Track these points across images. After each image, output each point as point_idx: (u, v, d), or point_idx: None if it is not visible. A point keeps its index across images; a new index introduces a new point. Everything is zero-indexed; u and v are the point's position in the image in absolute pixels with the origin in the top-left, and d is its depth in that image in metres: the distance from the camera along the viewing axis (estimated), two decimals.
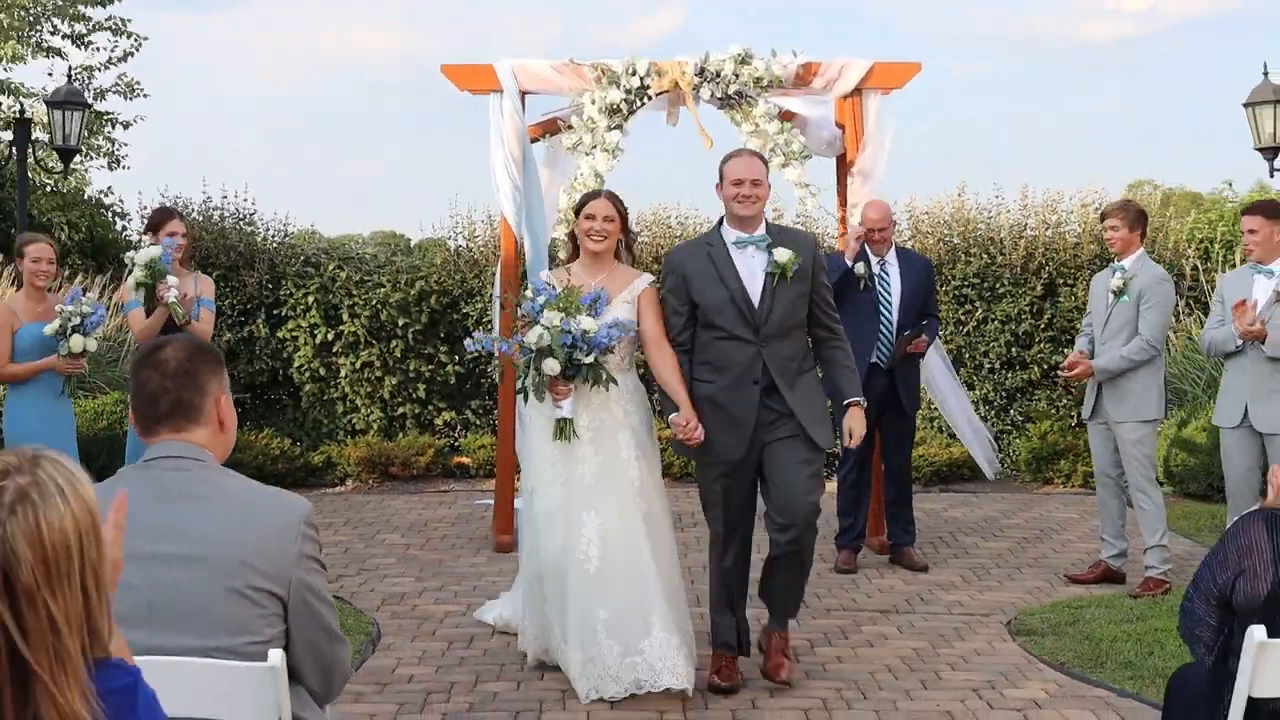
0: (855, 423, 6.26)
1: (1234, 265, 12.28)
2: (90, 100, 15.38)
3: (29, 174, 11.27)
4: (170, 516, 3.16)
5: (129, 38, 16.53)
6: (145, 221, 8.80)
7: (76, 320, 7.61)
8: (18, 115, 10.90)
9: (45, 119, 11.81)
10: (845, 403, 6.27)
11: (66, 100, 10.56)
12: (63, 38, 16.21)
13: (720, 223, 6.35)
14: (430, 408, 13.08)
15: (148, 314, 7.80)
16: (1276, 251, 8.04)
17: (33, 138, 10.66)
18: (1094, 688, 6.25)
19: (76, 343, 7.60)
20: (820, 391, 6.34)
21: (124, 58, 16.51)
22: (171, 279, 7.71)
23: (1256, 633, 3.38)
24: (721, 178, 6.26)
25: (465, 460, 12.59)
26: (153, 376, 3.31)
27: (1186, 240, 13.36)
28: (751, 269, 6.16)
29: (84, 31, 16.54)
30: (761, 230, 6.24)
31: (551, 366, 6.04)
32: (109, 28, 16.36)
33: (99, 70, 16.42)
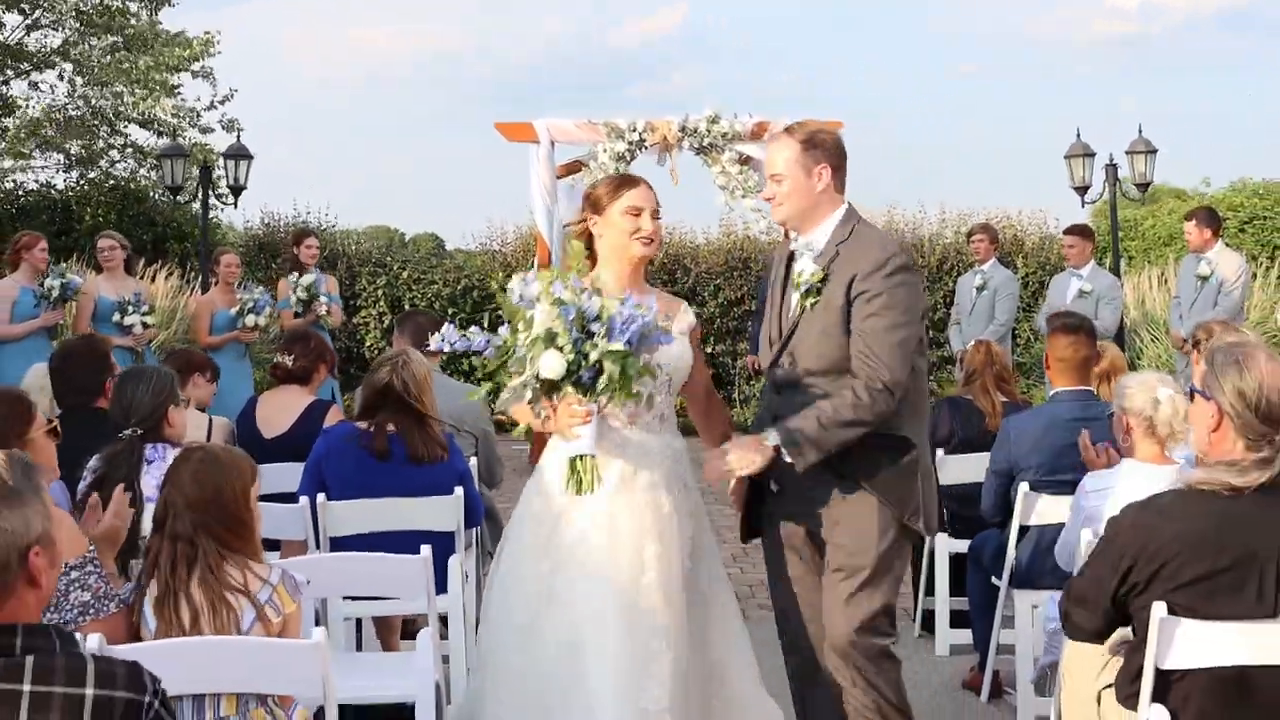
0: (736, 452, 4.25)
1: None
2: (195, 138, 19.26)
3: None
4: None
5: (211, 82, 20.11)
6: (293, 236, 12.39)
7: (250, 304, 11.14)
8: (201, 165, 14.66)
9: (219, 164, 15.46)
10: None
11: (238, 154, 14.29)
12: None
13: None
14: (473, 380, 16.56)
15: (296, 315, 11.37)
16: (1087, 260, 11.72)
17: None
18: None
19: (250, 320, 11.11)
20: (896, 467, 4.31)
21: (224, 100, 20.13)
22: (323, 298, 11.29)
23: (941, 453, 6.91)
24: None
25: (501, 417, 16.14)
26: (415, 324, 6.92)
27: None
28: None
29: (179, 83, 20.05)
30: (818, 232, 4.39)
31: (552, 365, 3.86)
32: (202, 74, 19.88)
33: (202, 112, 20.07)
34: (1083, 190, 14.20)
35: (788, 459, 4.17)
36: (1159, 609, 3.53)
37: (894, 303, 4.20)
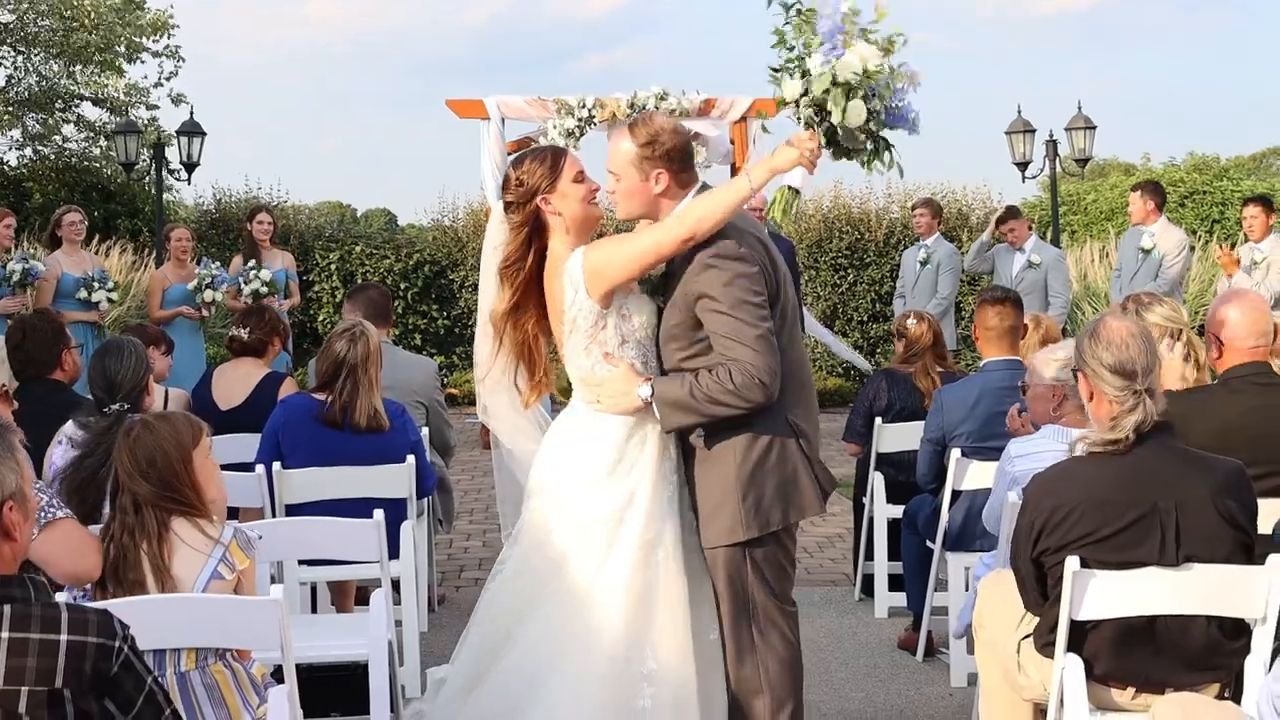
0: (610, 389, 4.20)
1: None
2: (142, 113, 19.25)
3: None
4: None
5: (172, 57, 19.98)
6: (246, 212, 12.47)
7: (209, 280, 11.22)
8: (154, 143, 14.69)
9: (173, 141, 15.49)
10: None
11: (191, 130, 14.35)
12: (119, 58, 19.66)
13: None
14: (424, 352, 16.79)
15: (237, 295, 11.37)
16: (1028, 235, 11.94)
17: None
18: None
19: (208, 295, 11.20)
20: (739, 468, 4.13)
21: (170, 76, 20.08)
22: (282, 299, 11.35)
23: (879, 421, 7.15)
24: None
25: (454, 391, 16.32)
26: (369, 297, 7.07)
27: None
28: None
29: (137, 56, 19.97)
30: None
31: (859, 111, 4.10)
32: (167, 54, 19.88)
33: (151, 89, 20.04)
34: (1023, 166, 14.51)
35: (657, 415, 4.15)
36: (1072, 562, 3.76)
37: (739, 298, 4.06)
